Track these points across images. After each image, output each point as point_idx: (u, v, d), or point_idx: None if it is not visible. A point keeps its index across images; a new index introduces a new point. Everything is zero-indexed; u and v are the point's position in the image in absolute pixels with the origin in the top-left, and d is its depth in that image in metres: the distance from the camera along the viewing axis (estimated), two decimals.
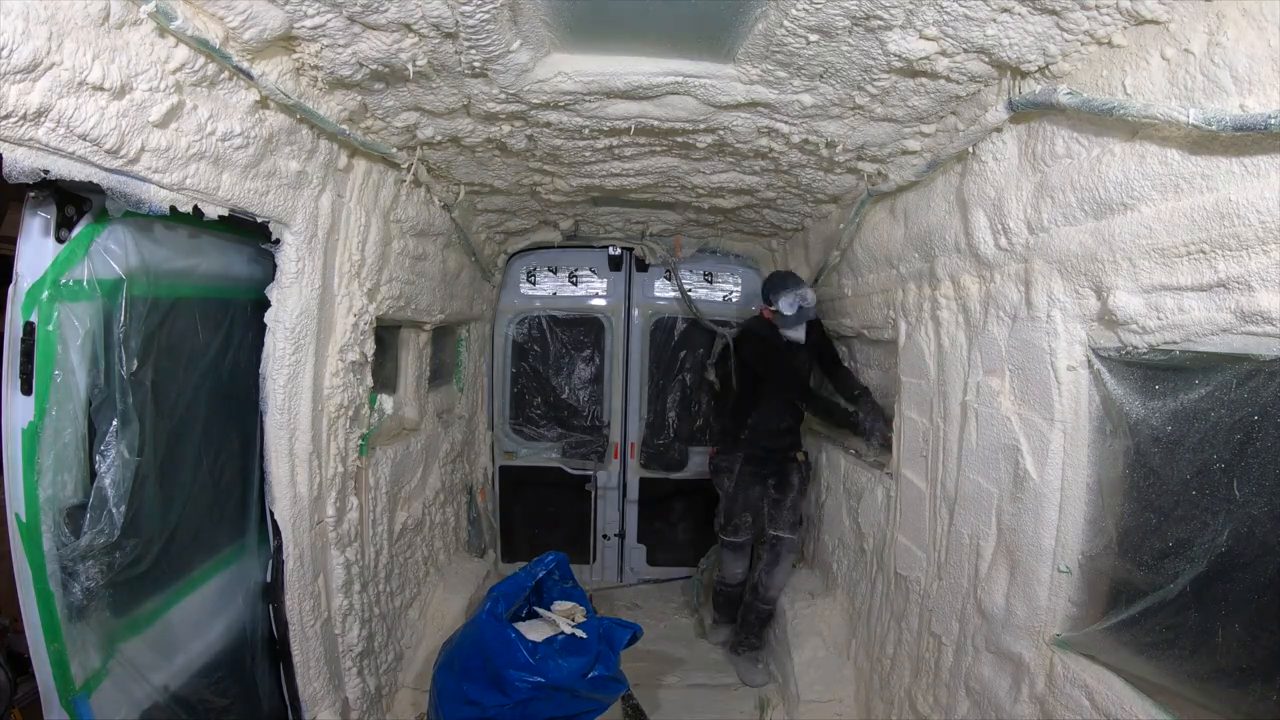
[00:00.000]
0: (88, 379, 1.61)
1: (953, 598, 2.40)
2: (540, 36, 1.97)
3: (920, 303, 2.69)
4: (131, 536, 1.73)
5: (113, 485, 1.66)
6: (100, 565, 1.65)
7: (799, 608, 3.72)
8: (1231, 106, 1.30)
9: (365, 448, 2.90)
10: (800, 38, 1.79)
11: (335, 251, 2.47)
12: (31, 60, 1.21)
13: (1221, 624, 1.45)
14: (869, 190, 2.85)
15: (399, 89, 2.18)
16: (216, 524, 2.21)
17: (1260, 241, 1.28)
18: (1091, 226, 1.70)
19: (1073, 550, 1.88)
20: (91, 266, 1.61)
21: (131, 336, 1.72)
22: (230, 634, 2.26)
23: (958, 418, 2.38)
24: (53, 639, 1.56)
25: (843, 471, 3.68)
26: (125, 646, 1.79)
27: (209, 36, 1.58)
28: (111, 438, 1.67)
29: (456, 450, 4.30)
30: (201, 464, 2.11)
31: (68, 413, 1.58)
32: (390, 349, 3.47)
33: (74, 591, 1.61)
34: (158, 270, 1.83)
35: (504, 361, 5.12)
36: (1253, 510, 1.38)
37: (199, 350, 2.08)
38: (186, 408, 2.03)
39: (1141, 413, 1.65)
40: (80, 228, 1.57)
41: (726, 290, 5.11)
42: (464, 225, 3.74)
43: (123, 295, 1.69)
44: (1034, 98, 1.75)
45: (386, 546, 3.17)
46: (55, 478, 1.56)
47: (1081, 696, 1.77)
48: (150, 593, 1.89)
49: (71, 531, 1.59)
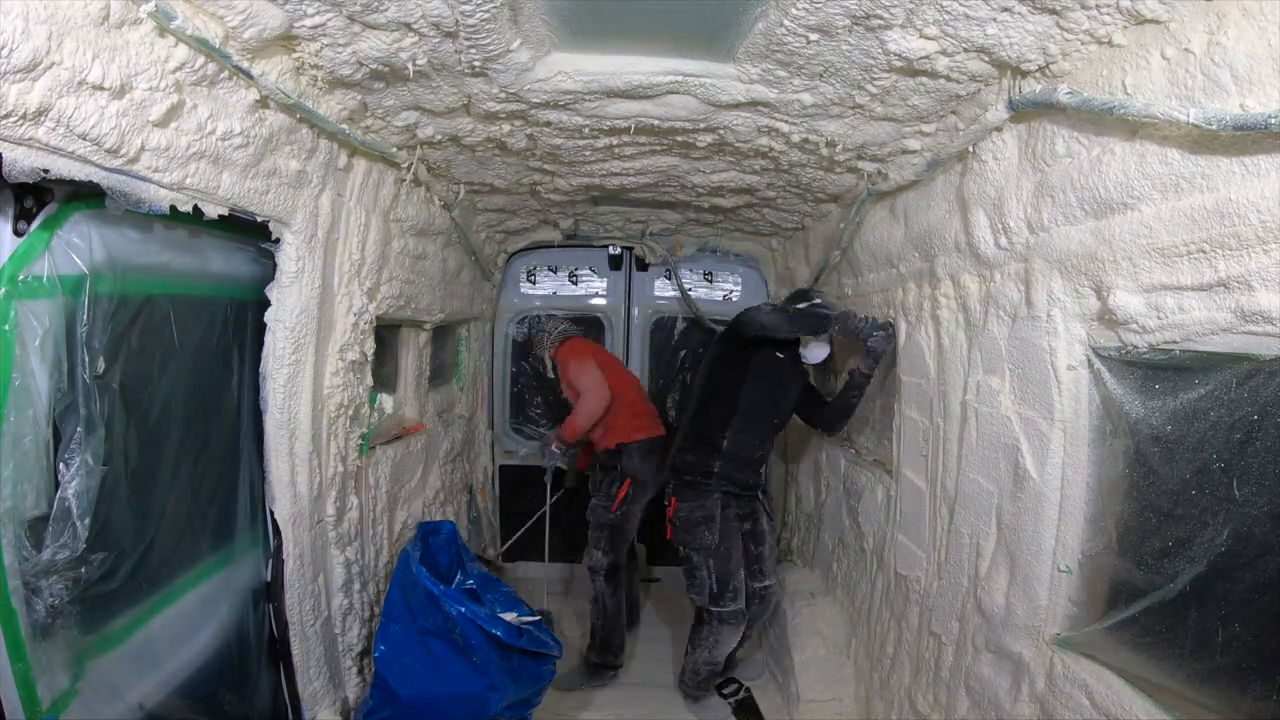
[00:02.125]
0: (49, 382, 1.50)
1: (953, 597, 2.40)
2: (540, 36, 1.97)
3: (920, 302, 2.69)
4: (99, 550, 1.62)
5: (77, 496, 1.56)
6: (65, 580, 1.55)
7: (799, 607, 3.72)
8: (1232, 106, 1.30)
9: (365, 447, 2.90)
10: (800, 37, 1.79)
11: (335, 251, 2.47)
12: (31, 59, 1.20)
13: (1221, 624, 1.45)
14: (869, 189, 2.85)
15: (399, 88, 2.18)
16: (200, 530, 2.12)
17: (1260, 241, 1.28)
18: (1092, 226, 1.70)
19: (1073, 550, 1.89)
20: (52, 262, 1.50)
21: (95, 336, 1.61)
22: (219, 641, 2.20)
23: (958, 417, 2.38)
24: (17, 659, 1.47)
25: (843, 471, 3.68)
26: (96, 664, 1.69)
27: (209, 36, 1.57)
28: (76, 445, 1.57)
29: (456, 450, 4.30)
30: (181, 469, 2.01)
31: (27, 419, 1.46)
32: (390, 348, 3.47)
33: (38, 609, 1.51)
34: (126, 266, 1.72)
35: (504, 361, 5.12)
36: (1253, 510, 1.38)
37: (178, 351, 1.98)
38: (164, 411, 1.93)
39: (1141, 412, 1.65)
40: (40, 220, 1.47)
41: (726, 290, 5.10)
42: (464, 224, 3.74)
43: (86, 292, 1.58)
44: (1034, 97, 1.75)
45: (387, 546, 3.17)
46: (15, 488, 1.45)
47: (1081, 696, 1.77)
48: (124, 606, 1.80)
49: (34, 545, 1.49)
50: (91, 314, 1.60)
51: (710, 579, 3.24)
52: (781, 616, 3.79)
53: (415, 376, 3.68)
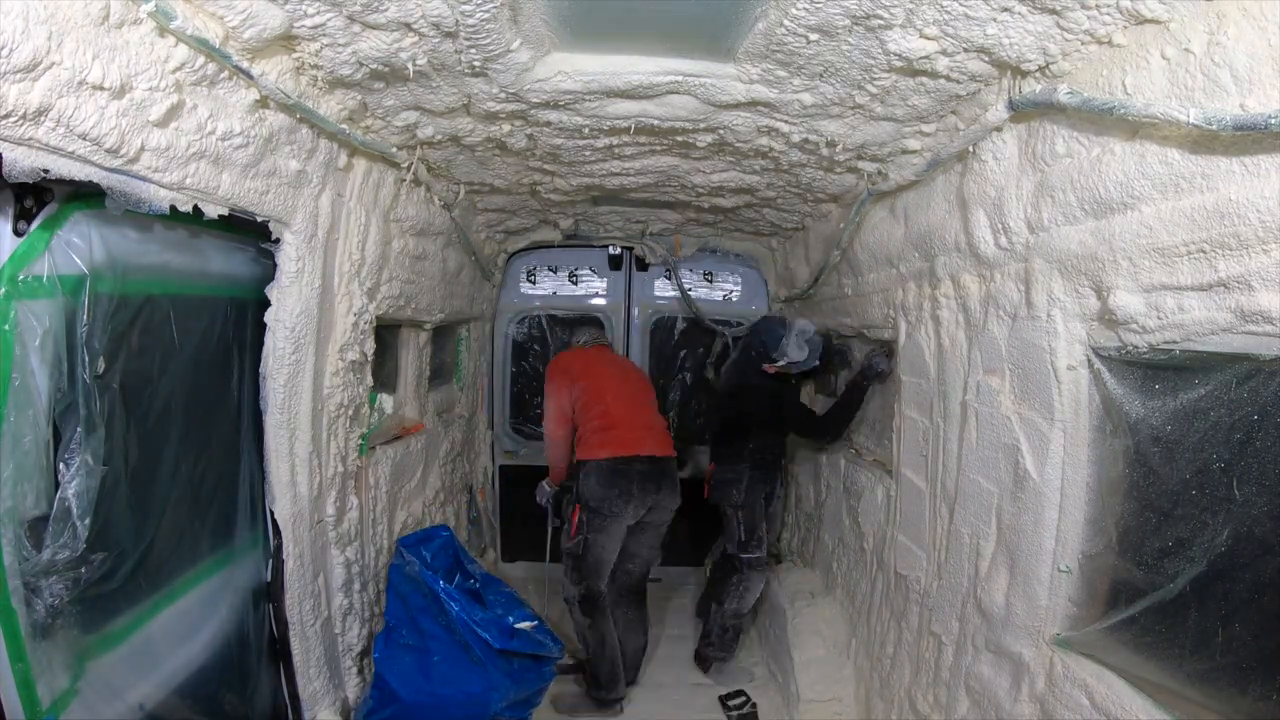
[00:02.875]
0: (49, 382, 1.50)
1: (953, 597, 2.40)
2: (540, 36, 1.97)
3: (920, 302, 2.69)
4: (100, 549, 1.63)
5: (77, 496, 1.55)
6: (65, 580, 1.56)
7: (799, 607, 3.72)
8: (1232, 106, 1.30)
9: (365, 447, 2.90)
10: (801, 37, 1.79)
11: (335, 251, 2.47)
12: (31, 59, 1.20)
13: (1221, 624, 1.45)
14: (869, 189, 2.85)
15: (399, 88, 2.18)
16: (201, 530, 2.13)
17: (1260, 241, 1.28)
18: (1092, 226, 1.70)
19: (1073, 550, 1.89)
20: (53, 262, 1.50)
21: (96, 336, 1.61)
22: (219, 641, 2.20)
23: (958, 417, 2.38)
24: (17, 659, 1.47)
25: (843, 471, 3.68)
26: (96, 664, 1.70)
27: (209, 36, 1.57)
28: (76, 445, 1.57)
29: (456, 450, 4.31)
30: (181, 469, 2.01)
31: (27, 419, 1.46)
32: (390, 348, 3.47)
33: (38, 609, 1.51)
34: (126, 266, 1.73)
35: (504, 361, 5.13)
36: (1253, 510, 1.38)
37: (178, 351, 1.98)
38: (165, 411, 1.94)
39: (1141, 412, 1.65)
40: (40, 220, 1.47)
41: (726, 289, 5.11)
42: (464, 224, 3.74)
43: (86, 292, 1.58)
44: (1034, 97, 1.75)
45: (387, 546, 3.17)
46: (15, 488, 1.45)
47: (1081, 696, 1.77)
48: (124, 606, 1.81)
49: (34, 545, 1.49)
50: (92, 314, 1.60)
51: (740, 529, 3.76)
52: (781, 616, 3.79)
53: (415, 376, 3.68)
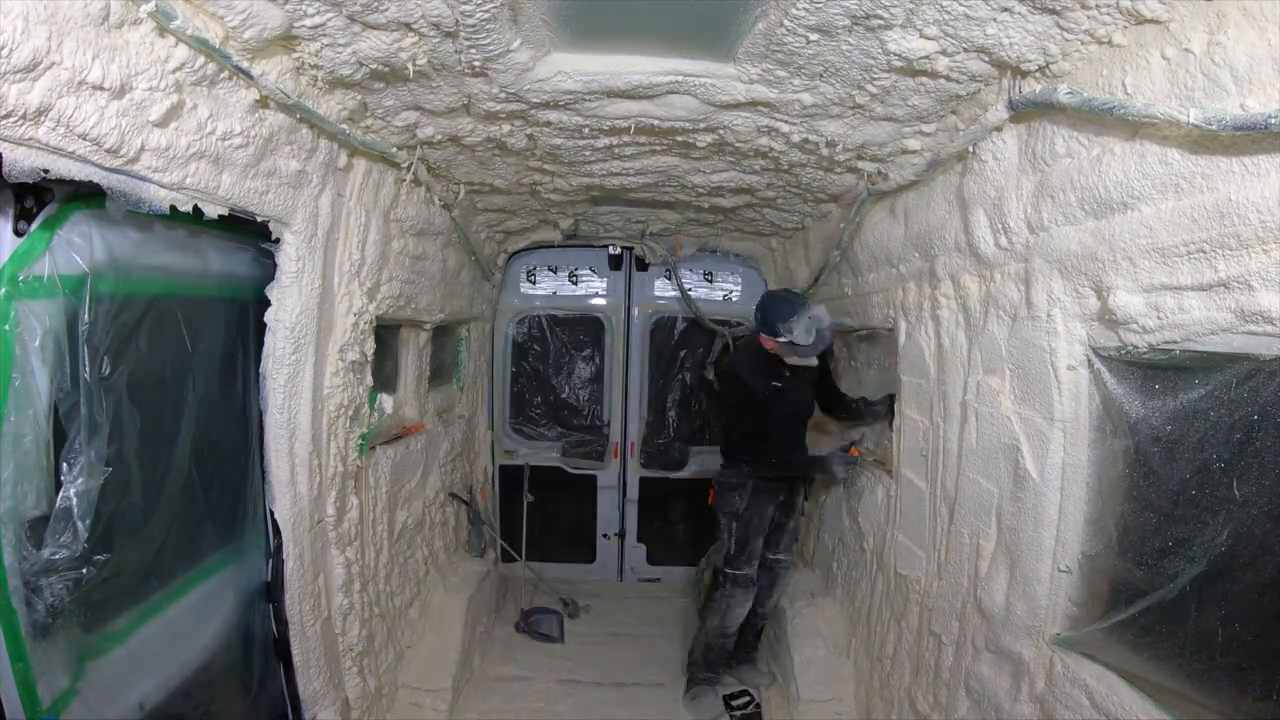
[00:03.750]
0: (51, 382, 1.50)
1: (953, 597, 2.40)
2: (540, 36, 1.97)
3: (920, 302, 2.69)
4: (101, 550, 1.62)
5: (78, 496, 1.55)
6: (66, 581, 1.55)
7: (799, 607, 3.72)
8: (1232, 106, 1.30)
9: (365, 447, 2.90)
10: (800, 37, 1.79)
11: (335, 251, 2.47)
12: (31, 59, 1.20)
13: (1221, 624, 1.45)
14: (869, 189, 2.85)
15: (399, 88, 2.18)
16: (203, 530, 2.13)
17: (1260, 241, 1.28)
18: (1092, 226, 1.70)
19: (1073, 550, 1.89)
20: (53, 261, 1.49)
21: (97, 336, 1.61)
22: (219, 641, 2.20)
23: (958, 417, 2.38)
24: (17, 659, 1.47)
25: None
26: (96, 664, 1.70)
27: (209, 36, 1.57)
28: (78, 445, 1.56)
29: (456, 450, 4.31)
30: (181, 469, 2.01)
31: (28, 419, 1.46)
32: (390, 348, 3.47)
33: (38, 608, 1.51)
34: (127, 266, 1.72)
35: (504, 361, 5.13)
36: (1253, 510, 1.38)
37: (179, 351, 1.97)
38: (168, 411, 1.93)
39: (1141, 412, 1.65)
40: (40, 220, 1.47)
41: (726, 289, 5.11)
42: (464, 224, 3.74)
43: (87, 292, 1.57)
44: (1034, 97, 1.75)
45: (386, 546, 3.17)
46: (16, 488, 1.45)
47: (1081, 696, 1.77)
48: (125, 606, 1.80)
49: (35, 545, 1.49)
50: (92, 314, 1.61)
51: (730, 541, 3.53)
52: (781, 616, 3.80)
53: (415, 376, 3.68)
